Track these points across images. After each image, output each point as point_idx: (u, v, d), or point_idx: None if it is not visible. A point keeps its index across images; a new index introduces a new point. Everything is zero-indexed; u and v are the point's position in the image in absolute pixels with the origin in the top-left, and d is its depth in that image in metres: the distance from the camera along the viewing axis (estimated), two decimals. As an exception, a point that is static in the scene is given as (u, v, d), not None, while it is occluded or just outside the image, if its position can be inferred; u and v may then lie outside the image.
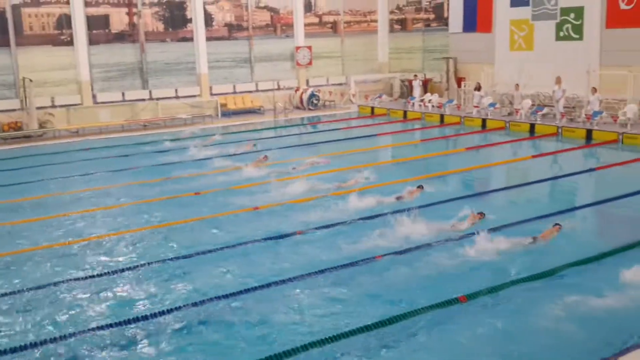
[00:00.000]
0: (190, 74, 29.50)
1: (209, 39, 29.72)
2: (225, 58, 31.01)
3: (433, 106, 27.19)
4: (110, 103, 27.20)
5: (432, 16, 34.34)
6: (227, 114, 28.96)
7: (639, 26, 22.91)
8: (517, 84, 24.95)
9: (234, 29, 31.39)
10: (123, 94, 27.65)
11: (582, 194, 15.52)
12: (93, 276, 9.98)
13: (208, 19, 30.21)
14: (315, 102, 30.36)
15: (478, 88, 26.10)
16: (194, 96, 29.09)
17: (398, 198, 13.75)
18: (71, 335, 7.96)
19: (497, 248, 10.52)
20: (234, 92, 30.22)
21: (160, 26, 29.82)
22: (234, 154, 19.76)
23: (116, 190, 15.80)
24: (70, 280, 9.83)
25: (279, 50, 32.13)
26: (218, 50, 30.45)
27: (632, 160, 17.83)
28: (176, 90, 28.80)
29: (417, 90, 29.59)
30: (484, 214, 12.00)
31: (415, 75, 30.80)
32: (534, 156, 19.53)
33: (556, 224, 11.29)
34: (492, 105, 25.05)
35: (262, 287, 9.30)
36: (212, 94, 29.52)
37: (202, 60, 29.21)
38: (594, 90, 22.43)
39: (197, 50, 29.23)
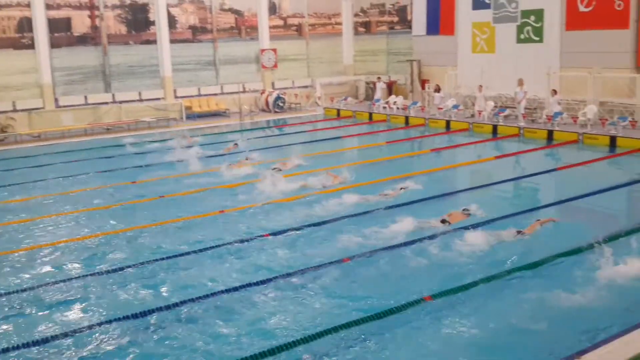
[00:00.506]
0: (154, 77, 29.22)
1: (172, 41, 29.49)
2: (190, 61, 30.80)
3: (398, 108, 27.42)
4: (72, 107, 26.77)
5: (395, 19, 34.63)
6: (192, 116, 28.76)
7: (598, 28, 23.46)
8: (480, 85, 25.32)
9: (198, 32, 31.20)
10: (86, 98, 27.24)
11: (545, 194, 15.80)
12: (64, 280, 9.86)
13: (172, 22, 29.98)
14: (281, 104, 30.35)
15: (437, 90, 26.42)
16: (158, 99, 28.83)
17: (384, 195, 14.08)
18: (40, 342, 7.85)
19: (462, 248, 10.69)
20: (199, 95, 30.02)
21: (123, 29, 29.48)
22: (208, 156, 19.76)
23: (80, 194, 15.57)
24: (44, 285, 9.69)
25: (244, 53, 32.04)
26: (182, 52, 30.22)
27: (592, 160, 18.25)
28: (140, 94, 28.50)
29: (380, 93, 29.83)
30: (469, 211, 12.31)
31: (379, 78, 31.06)
32: (497, 157, 19.84)
33: (538, 220, 11.70)
34: (455, 107, 25.39)
35: (228, 290, 9.27)
36: (176, 97, 29.29)
37: (166, 63, 28.96)
38: (554, 92, 22.89)
39: (161, 53, 28.97)
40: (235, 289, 9.35)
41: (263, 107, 30.54)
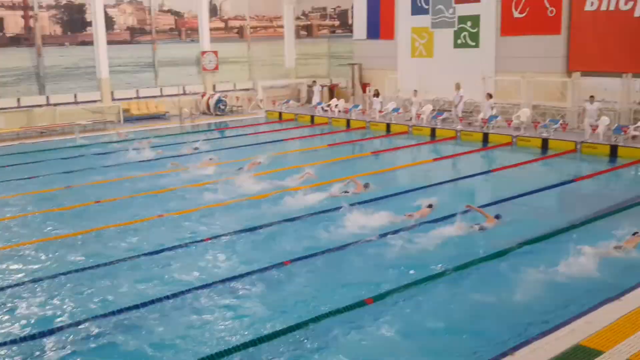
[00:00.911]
0: (91, 79, 28.54)
1: (110, 42, 28.88)
2: (128, 62, 30.25)
3: (339, 111, 27.62)
4: (4, 109, 25.85)
5: (337, 23, 34.94)
6: (130, 119, 28.21)
7: (531, 33, 24.29)
8: (415, 90, 25.75)
9: (136, 33, 30.69)
10: (18, 100, 26.34)
11: (480, 195, 16.16)
12: None
13: (109, 23, 29.38)
14: (222, 107, 30.12)
15: (376, 94, 26.78)
16: (95, 102, 28.17)
17: (345, 192, 14.52)
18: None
19: (403, 249, 10.87)
20: (138, 98, 29.51)
21: (59, 29, 28.74)
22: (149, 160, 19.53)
23: (12, 200, 15.07)
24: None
25: (184, 55, 31.68)
26: (120, 54, 29.66)
27: (525, 162, 18.83)
28: (75, 96, 27.78)
29: (317, 96, 29.98)
30: (432, 205, 12.84)
31: (314, 81, 31.19)
32: (435, 159, 20.23)
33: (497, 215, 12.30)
34: (395, 110, 25.76)
35: (161, 299, 9.15)
36: (114, 100, 28.70)
37: (103, 64, 28.30)
38: (489, 96, 23.48)
39: (98, 55, 28.30)
40: (177, 294, 9.25)
41: (204, 109, 30.25)
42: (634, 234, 10.95)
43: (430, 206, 12.94)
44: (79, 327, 8.26)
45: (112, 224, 12.81)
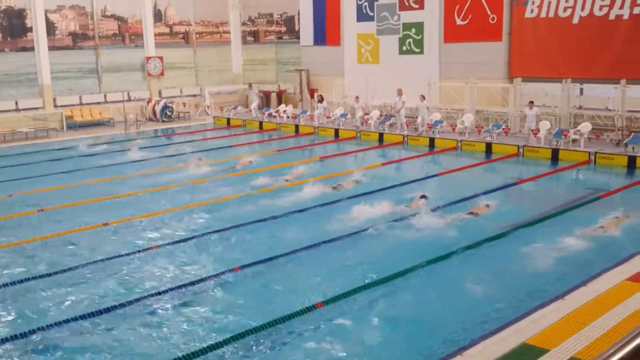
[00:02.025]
0: (32, 86, 27.80)
1: (51, 48, 28.21)
2: (71, 68, 29.55)
3: (288, 117, 27.66)
4: (-61, 117, 24.95)
5: (284, 29, 34.96)
6: (73, 126, 27.58)
7: (474, 40, 24.87)
8: (357, 96, 25.98)
9: (79, 38, 30.00)
10: (-44, 107, 25.47)
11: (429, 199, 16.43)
12: None
13: (50, 28, 28.64)
14: (169, 113, 29.75)
15: (320, 100, 26.94)
16: (37, 108, 27.44)
17: (335, 187, 15.39)
18: None
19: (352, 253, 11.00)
20: (81, 104, 28.88)
21: (-3, 34, 27.83)
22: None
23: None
24: None
25: (129, 61, 31.17)
26: (62, 60, 28.97)
27: (470, 166, 19.27)
28: (16, 103, 27.01)
29: (255, 101, 29.82)
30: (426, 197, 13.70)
31: (250, 85, 30.96)
32: (383, 164, 20.48)
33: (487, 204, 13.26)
34: (343, 115, 25.97)
35: (116, 307, 9.02)
36: (56, 106, 28.01)
37: (44, 70, 27.62)
38: (422, 97, 23.82)
39: (39, 61, 27.61)
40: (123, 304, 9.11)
41: (150, 116, 29.82)
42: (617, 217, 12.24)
43: (423, 197, 13.96)
44: (30, 337, 8.07)
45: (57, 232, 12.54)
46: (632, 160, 18.17)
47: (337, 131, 25.21)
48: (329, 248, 11.45)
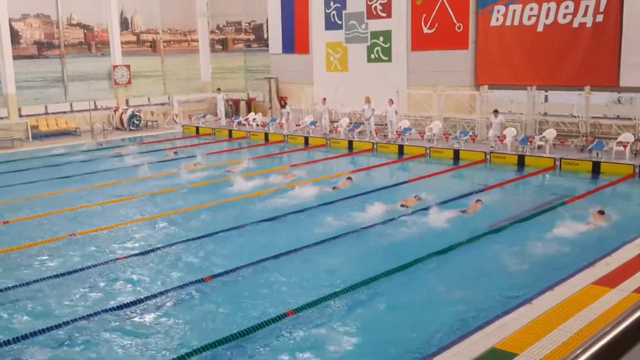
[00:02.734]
0: (-4, 95, 27.32)
1: (16, 57, 27.78)
2: (36, 77, 29.11)
3: (257, 125, 27.61)
4: None
5: (252, 37, 34.94)
6: (39, 136, 27.16)
7: (441, 49, 25.16)
8: (324, 98, 25.77)
9: (44, 47, 29.58)
10: None
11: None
12: None
13: (15, 37, 28.19)
14: (136, 122, 29.48)
15: (283, 105, 26.90)
16: (1, 118, 26.95)
17: (334, 188, 15.95)
18: None
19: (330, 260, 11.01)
20: (47, 114, 28.47)
21: (-41, 43, 27.29)
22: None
23: None
24: None
25: (95, 69, 30.83)
26: (27, 69, 28.53)
27: (438, 172, 19.46)
28: (-20, 113, 26.52)
29: (221, 105, 29.38)
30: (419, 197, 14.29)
31: (218, 89, 30.53)
32: (353, 171, 20.49)
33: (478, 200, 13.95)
34: (313, 123, 26.01)
35: (87, 316, 8.89)
36: (21, 116, 27.55)
37: (9, 80, 27.19)
38: (391, 101, 23.88)
39: (3, 70, 27.16)
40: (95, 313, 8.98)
41: (117, 125, 29.50)
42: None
43: (416, 197, 14.68)
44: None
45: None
46: (596, 165, 18.54)
47: (306, 139, 25.24)
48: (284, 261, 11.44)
